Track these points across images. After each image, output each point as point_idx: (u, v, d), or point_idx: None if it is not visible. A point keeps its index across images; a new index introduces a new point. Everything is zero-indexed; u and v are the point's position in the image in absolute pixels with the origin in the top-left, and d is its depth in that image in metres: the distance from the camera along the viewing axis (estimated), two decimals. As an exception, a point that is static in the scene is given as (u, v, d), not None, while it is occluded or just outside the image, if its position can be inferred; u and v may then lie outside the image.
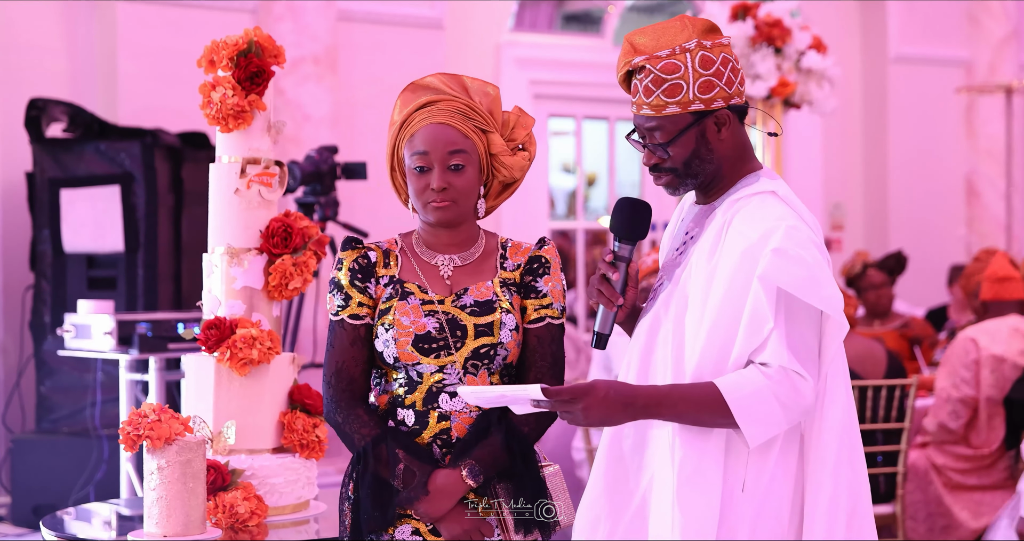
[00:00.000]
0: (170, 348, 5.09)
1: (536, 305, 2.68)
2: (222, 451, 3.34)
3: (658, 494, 2.42)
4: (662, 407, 2.33)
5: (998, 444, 5.34)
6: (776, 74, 6.28)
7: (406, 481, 2.57)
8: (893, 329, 6.80)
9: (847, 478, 2.41)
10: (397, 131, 2.66)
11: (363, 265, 2.67)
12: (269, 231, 3.42)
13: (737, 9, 6.38)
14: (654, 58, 2.43)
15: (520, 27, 8.60)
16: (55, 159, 6.24)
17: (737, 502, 2.37)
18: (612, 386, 2.33)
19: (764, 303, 2.32)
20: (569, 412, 2.32)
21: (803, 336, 2.37)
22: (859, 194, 9.72)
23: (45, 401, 6.28)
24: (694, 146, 2.45)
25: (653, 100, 2.44)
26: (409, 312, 2.62)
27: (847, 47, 9.35)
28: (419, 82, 2.69)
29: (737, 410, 2.30)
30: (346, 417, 2.63)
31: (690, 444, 2.37)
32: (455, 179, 2.61)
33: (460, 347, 2.62)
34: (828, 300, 2.37)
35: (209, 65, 3.43)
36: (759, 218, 2.39)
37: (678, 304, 2.44)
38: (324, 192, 5.73)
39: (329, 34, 7.27)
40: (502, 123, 2.72)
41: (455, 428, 2.61)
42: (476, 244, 2.71)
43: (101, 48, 6.87)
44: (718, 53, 2.44)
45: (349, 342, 2.65)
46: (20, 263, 6.61)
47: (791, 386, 2.32)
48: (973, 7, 9.66)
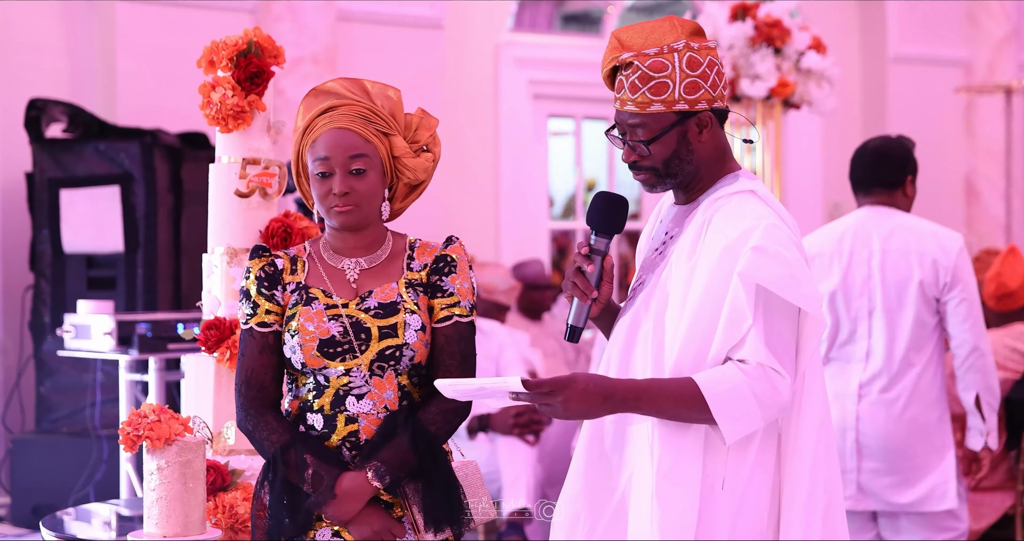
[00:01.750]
0: (170, 348, 5.09)
1: (443, 304, 2.67)
2: (222, 451, 3.34)
3: (637, 491, 2.42)
4: (641, 401, 2.34)
5: (999, 449, 5.33)
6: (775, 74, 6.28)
7: (315, 485, 2.58)
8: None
9: (823, 476, 2.43)
10: (300, 137, 2.67)
11: (269, 273, 2.68)
12: (269, 231, 3.42)
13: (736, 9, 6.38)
14: (642, 55, 2.45)
15: (520, 27, 8.60)
16: (55, 159, 6.24)
17: (717, 499, 2.38)
18: (592, 379, 2.33)
19: (743, 300, 2.34)
20: (548, 404, 2.32)
21: (781, 334, 2.39)
22: (859, 194, 9.71)
23: (45, 401, 6.28)
24: (675, 146, 2.47)
25: (638, 97, 2.46)
26: (313, 317, 2.63)
27: (846, 47, 9.35)
28: (320, 87, 2.70)
29: (715, 405, 2.31)
30: (256, 424, 2.65)
31: (669, 440, 2.38)
32: (357, 183, 2.62)
33: (365, 350, 2.62)
34: (807, 298, 2.38)
35: (209, 65, 3.43)
36: (739, 216, 2.41)
37: (658, 302, 2.45)
38: (324, 192, 5.72)
39: (328, 34, 7.27)
40: (405, 125, 2.71)
41: (363, 430, 2.62)
42: (383, 246, 2.71)
43: (101, 48, 6.87)
44: (705, 55, 2.46)
45: (258, 350, 2.66)
46: (20, 263, 6.60)
47: (769, 383, 2.33)
48: (972, 7, 9.66)
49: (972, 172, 9.68)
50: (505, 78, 8.25)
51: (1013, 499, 5.34)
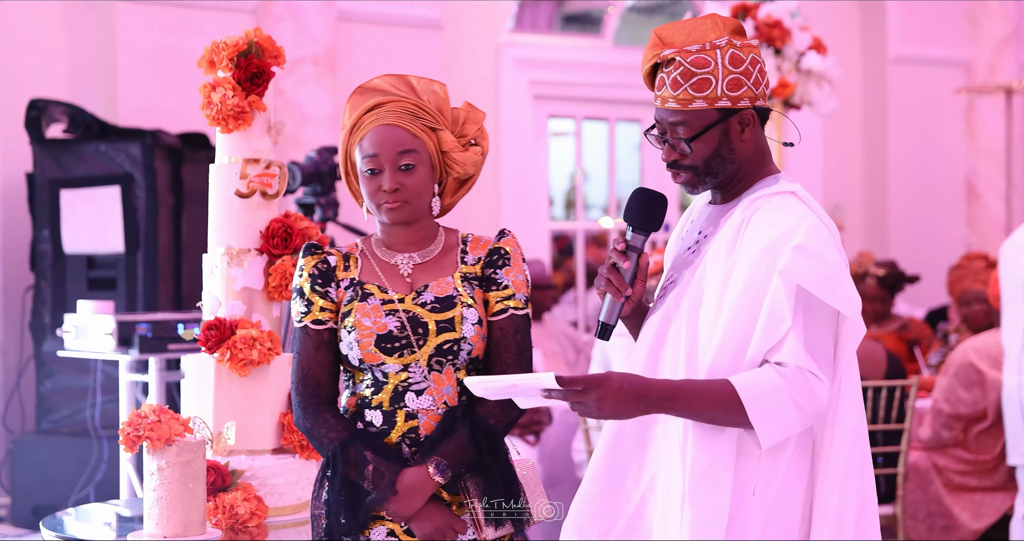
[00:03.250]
0: (170, 349, 5.09)
1: (498, 297, 2.67)
2: (222, 452, 3.34)
3: (663, 493, 2.39)
4: (676, 401, 2.29)
5: (999, 450, 5.33)
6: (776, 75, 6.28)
7: (375, 482, 2.57)
8: (892, 331, 6.80)
9: (856, 485, 2.38)
10: (348, 135, 2.67)
11: (323, 270, 2.68)
12: (269, 232, 3.42)
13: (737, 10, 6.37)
14: (684, 51, 2.41)
15: (520, 27, 8.59)
16: (55, 160, 6.24)
17: (747, 505, 2.34)
18: (626, 378, 2.29)
19: (783, 300, 2.29)
20: (581, 403, 2.27)
21: (820, 337, 2.34)
22: (859, 195, 9.72)
23: (45, 402, 6.28)
24: (716, 144, 2.43)
25: (680, 93, 2.41)
26: (370, 313, 2.62)
27: (847, 48, 9.35)
28: (366, 85, 2.69)
29: (752, 409, 2.26)
30: (314, 422, 2.64)
31: (702, 444, 2.34)
32: (406, 179, 2.62)
33: (423, 345, 2.62)
34: (847, 301, 2.34)
35: (209, 66, 3.43)
36: (780, 216, 2.37)
37: (691, 301, 2.41)
38: (324, 193, 5.72)
39: (329, 35, 7.27)
40: (452, 120, 2.71)
41: (423, 426, 2.61)
42: (435, 241, 2.72)
43: (101, 49, 6.87)
44: (747, 53, 2.42)
45: (314, 348, 2.66)
46: (20, 263, 6.60)
47: (807, 387, 2.28)
48: (973, 8, 9.66)
49: (972, 173, 9.68)
50: (505, 79, 8.24)
51: (1013, 499, 5.34)
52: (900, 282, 6.86)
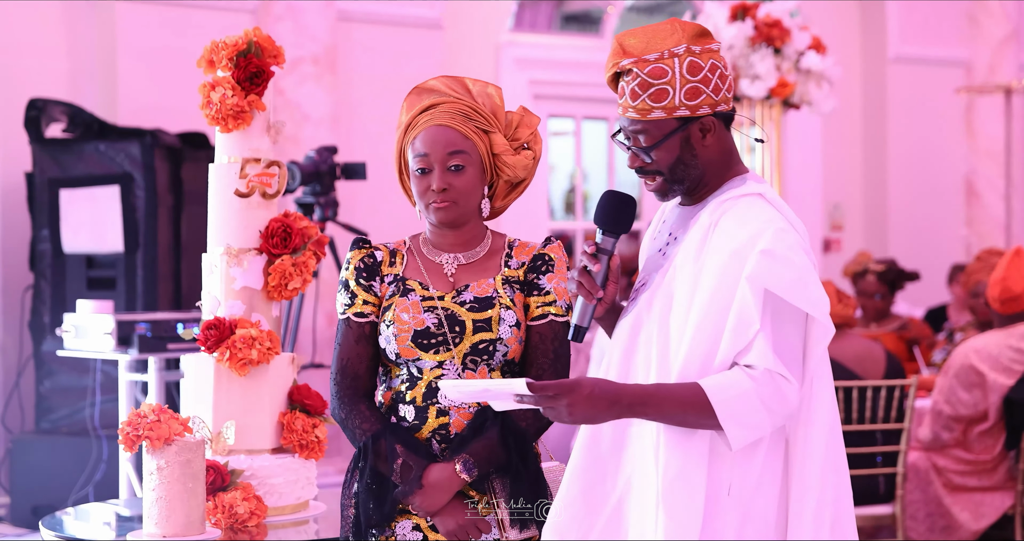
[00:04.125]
0: (169, 348, 5.09)
1: (539, 302, 2.69)
2: (221, 451, 3.34)
3: (638, 495, 2.40)
4: (647, 406, 2.31)
5: (999, 450, 5.33)
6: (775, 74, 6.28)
7: (404, 475, 2.59)
8: (891, 330, 6.80)
9: (833, 483, 2.40)
10: (403, 134, 2.70)
11: (368, 264, 2.71)
12: (269, 231, 3.42)
13: (736, 9, 6.38)
14: (642, 61, 2.42)
15: (519, 27, 8.60)
16: (54, 159, 6.24)
17: (723, 506, 2.35)
18: (597, 383, 2.31)
19: (751, 304, 2.31)
20: (553, 408, 2.29)
21: (789, 339, 2.36)
22: (858, 194, 9.72)
23: (44, 401, 6.28)
24: (678, 152, 2.44)
25: (639, 104, 2.42)
26: (409, 308, 2.65)
27: (846, 47, 9.35)
28: (423, 85, 2.72)
29: (721, 411, 2.28)
30: (349, 413, 2.67)
31: (675, 446, 2.35)
32: (455, 180, 2.64)
33: (459, 342, 2.64)
34: (815, 303, 2.35)
35: (209, 65, 3.43)
36: (747, 219, 2.38)
37: (662, 304, 2.42)
38: (323, 192, 5.73)
39: (328, 34, 7.27)
40: (506, 123, 2.74)
41: (454, 423, 2.63)
42: (482, 243, 2.74)
43: (100, 48, 6.87)
44: (706, 59, 2.43)
45: (354, 339, 2.69)
46: (19, 263, 6.60)
47: (776, 389, 2.30)
48: (972, 7, 9.66)
49: (972, 172, 9.68)
50: (505, 78, 8.24)
51: (1013, 499, 5.34)
52: (900, 278, 6.85)
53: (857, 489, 5.24)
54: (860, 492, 5.26)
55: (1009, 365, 5.25)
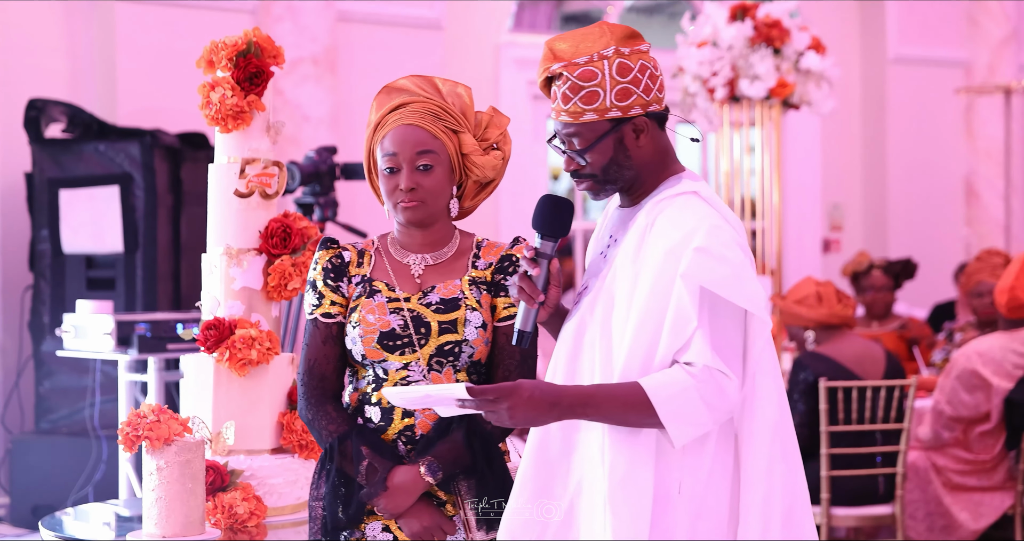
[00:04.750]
0: (169, 348, 5.09)
1: (505, 303, 2.70)
2: (221, 452, 3.34)
3: (588, 497, 2.40)
4: (588, 407, 2.32)
5: (999, 450, 5.33)
6: (775, 75, 6.28)
7: (369, 477, 2.60)
8: (891, 330, 6.80)
9: (781, 477, 2.40)
10: (372, 133, 2.70)
11: (336, 265, 2.71)
12: (268, 231, 3.42)
13: (736, 10, 6.38)
14: (572, 65, 2.43)
15: (519, 27, 8.60)
16: (54, 159, 6.24)
17: (674, 504, 2.36)
18: (538, 386, 2.31)
19: (687, 302, 2.31)
20: (494, 412, 2.30)
21: (727, 335, 2.36)
22: (858, 195, 9.72)
23: (44, 401, 6.28)
24: (612, 153, 2.45)
25: (571, 107, 2.44)
26: (375, 310, 2.65)
27: (846, 48, 9.35)
28: (392, 84, 2.72)
29: (662, 410, 2.29)
30: (316, 414, 2.67)
31: (620, 447, 2.35)
32: (423, 179, 2.64)
33: (424, 344, 2.64)
34: (751, 298, 2.36)
35: (208, 65, 3.43)
36: (682, 218, 2.39)
37: (604, 306, 2.43)
38: (323, 192, 5.73)
39: (328, 35, 7.27)
40: (475, 123, 2.74)
41: (419, 425, 2.64)
42: (449, 244, 2.74)
43: (100, 48, 6.87)
44: (636, 60, 2.44)
45: (321, 340, 2.69)
46: (19, 263, 6.61)
47: (715, 385, 2.31)
48: (972, 8, 9.66)
49: (972, 173, 9.69)
50: (505, 78, 8.24)
51: (1013, 499, 5.34)
52: (906, 270, 6.86)
53: (857, 489, 5.25)
54: (860, 492, 5.26)
55: (1012, 371, 5.25)
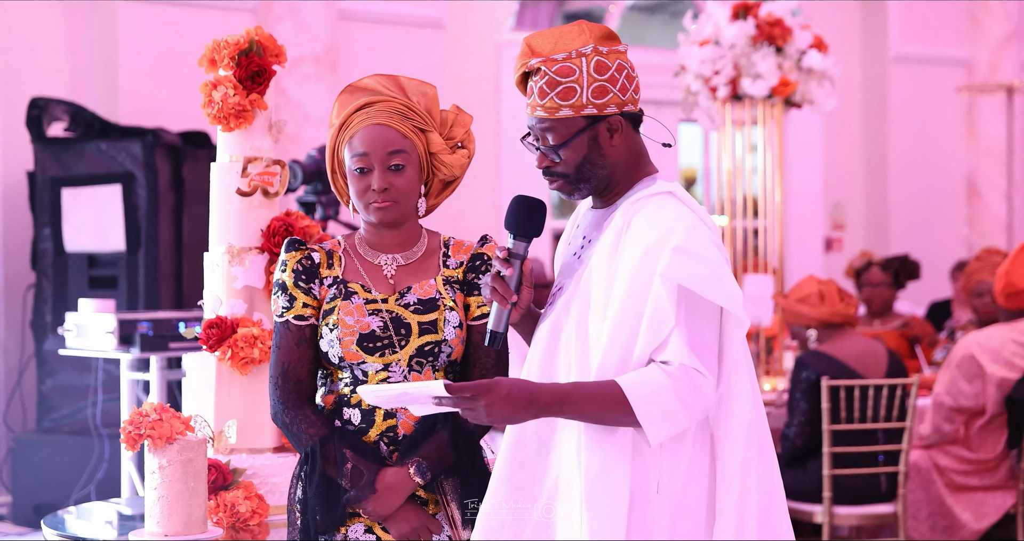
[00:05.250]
0: (171, 347, 5.09)
1: (479, 302, 2.70)
2: (223, 450, 3.34)
3: (564, 497, 2.40)
4: (564, 405, 2.32)
5: (1001, 448, 5.33)
6: (777, 73, 6.28)
7: (354, 480, 2.59)
8: (893, 329, 6.80)
9: (757, 476, 2.40)
10: (336, 133, 2.67)
11: (307, 266, 2.69)
12: (270, 230, 3.42)
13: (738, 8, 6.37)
14: (550, 60, 2.46)
15: (521, 27, 8.60)
16: (56, 158, 6.25)
17: (652, 503, 2.36)
18: (515, 383, 2.31)
19: (665, 301, 2.32)
20: (472, 409, 2.29)
21: (703, 334, 2.37)
22: (860, 193, 9.72)
23: (46, 400, 6.28)
24: (586, 151, 2.45)
25: (547, 102, 2.45)
26: (353, 312, 2.64)
27: (848, 46, 9.35)
28: (356, 84, 2.70)
29: (638, 408, 2.29)
30: (293, 418, 2.65)
31: (596, 446, 2.36)
32: (395, 179, 2.63)
33: (404, 345, 2.63)
34: (729, 297, 2.36)
35: (210, 64, 3.43)
36: (659, 218, 2.39)
37: (579, 306, 2.43)
38: (325, 191, 5.73)
39: (329, 33, 7.27)
40: (440, 122, 2.73)
41: (401, 425, 2.63)
42: (419, 243, 2.73)
43: (102, 47, 6.87)
44: (614, 60, 2.45)
45: (295, 343, 2.67)
46: (21, 262, 6.61)
47: (692, 384, 2.31)
48: (974, 7, 9.66)
49: (973, 171, 9.69)
50: (506, 77, 8.24)
51: (1015, 498, 5.34)
52: (904, 267, 6.85)
53: (859, 488, 5.25)
54: (862, 491, 5.26)
55: (1010, 359, 5.25)
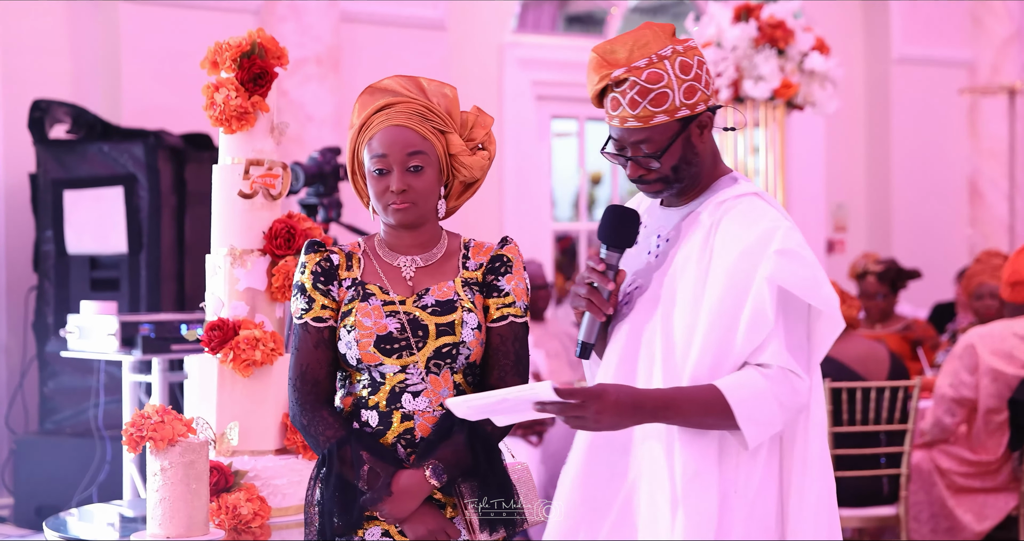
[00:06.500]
0: (173, 349, 5.09)
1: (498, 304, 2.67)
2: (225, 452, 3.34)
3: (647, 496, 2.41)
4: (669, 410, 2.32)
5: (1002, 450, 5.33)
6: (779, 75, 6.28)
7: (371, 482, 2.57)
8: (895, 331, 6.79)
9: (828, 477, 2.44)
10: (356, 134, 2.66)
11: (325, 268, 2.68)
12: (272, 232, 3.42)
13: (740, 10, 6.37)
14: (634, 69, 2.42)
15: (523, 28, 8.60)
16: (58, 160, 6.25)
17: (732, 503, 2.38)
18: (621, 389, 2.32)
19: (768, 303, 2.33)
20: (580, 416, 2.28)
21: (798, 335, 2.39)
22: (862, 195, 9.72)
23: (48, 402, 6.28)
24: (681, 152, 2.45)
25: (640, 111, 2.42)
26: (371, 313, 2.62)
27: (850, 48, 9.35)
28: (376, 85, 2.69)
29: (739, 412, 2.30)
30: (311, 419, 2.64)
31: (690, 446, 2.37)
32: (414, 181, 2.62)
33: (422, 347, 2.62)
34: (827, 300, 2.38)
35: (212, 66, 3.43)
36: (752, 220, 2.40)
37: (664, 307, 2.42)
38: (327, 193, 5.73)
39: (332, 35, 7.27)
40: (461, 123, 2.72)
41: (419, 428, 2.61)
42: (438, 245, 2.72)
43: (104, 49, 6.88)
44: (692, 56, 2.44)
45: (313, 345, 2.65)
46: (23, 264, 6.61)
47: (790, 386, 2.33)
48: (976, 8, 9.66)
49: (976, 173, 9.68)
50: (508, 79, 8.24)
51: (1016, 500, 5.33)
52: (900, 277, 6.85)
53: (861, 490, 5.24)
54: (864, 493, 5.25)
55: (1011, 352, 5.25)
